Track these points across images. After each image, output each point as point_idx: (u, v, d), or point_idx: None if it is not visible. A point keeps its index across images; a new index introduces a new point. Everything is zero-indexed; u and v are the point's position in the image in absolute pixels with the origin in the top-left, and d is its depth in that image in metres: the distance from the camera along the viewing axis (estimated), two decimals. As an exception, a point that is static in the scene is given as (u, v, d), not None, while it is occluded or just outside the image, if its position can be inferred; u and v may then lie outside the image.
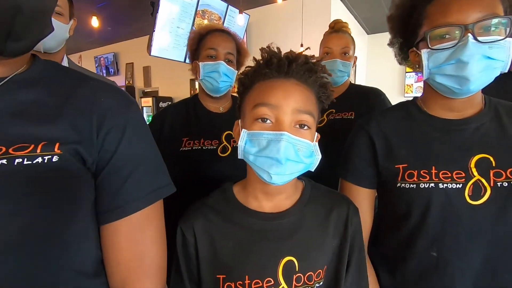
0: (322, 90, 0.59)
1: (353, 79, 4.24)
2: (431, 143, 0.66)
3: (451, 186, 0.61)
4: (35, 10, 0.40)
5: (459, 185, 0.61)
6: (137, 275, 0.49)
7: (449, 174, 0.62)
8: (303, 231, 0.59)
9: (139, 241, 0.49)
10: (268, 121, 0.53)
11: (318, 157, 0.57)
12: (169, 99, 5.02)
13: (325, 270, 0.59)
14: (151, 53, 3.05)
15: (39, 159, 0.39)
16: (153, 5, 2.90)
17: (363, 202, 0.74)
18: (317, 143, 0.57)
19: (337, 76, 1.28)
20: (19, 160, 0.38)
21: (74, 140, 0.43)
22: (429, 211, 0.63)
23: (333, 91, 0.61)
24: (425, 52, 0.63)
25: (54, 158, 0.40)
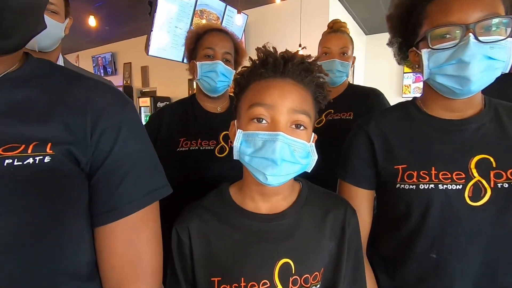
0: (318, 90, 0.58)
1: (351, 79, 4.25)
2: (430, 143, 0.66)
3: (451, 187, 0.61)
4: (24, 6, 0.39)
5: (459, 186, 0.60)
6: (132, 279, 0.48)
7: (449, 175, 0.62)
8: (300, 233, 0.58)
9: (135, 243, 0.48)
10: (263, 121, 0.53)
11: (315, 157, 0.57)
12: (167, 99, 5.01)
13: (322, 273, 0.58)
14: (149, 53, 3.04)
15: (30, 160, 0.38)
16: (151, 5, 2.89)
17: (362, 203, 0.74)
18: (313, 144, 0.57)
19: (335, 76, 1.28)
20: (9, 161, 0.37)
21: (67, 140, 0.42)
22: (428, 212, 0.62)
23: (330, 91, 0.61)
24: (425, 52, 0.62)
25: (46, 159, 0.39)
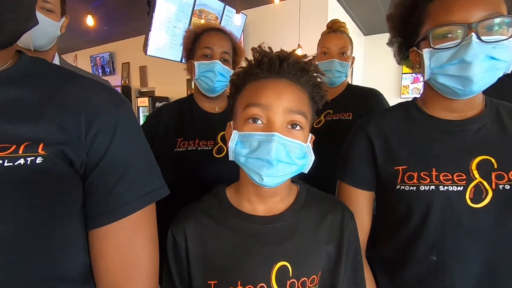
0: (315, 90, 0.58)
1: (350, 80, 4.25)
2: (431, 144, 0.65)
3: (452, 189, 0.60)
4: (12, 0, 0.38)
5: (460, 188, 0.60)
6: (127, 282, 0.47)
7: (450, 176, 0.61)
8: (298, 235, 0.58)
9: (130, 246, 0.47)
10: (259, 121, 0.52)
11: (311, 158, 0.56)
12: (166, 99, 5.00)
13: (319, 276, 0.57)
14: (147, 53, 3.02)
15: (21, 161, 0.37)
16: (150, 4, 2.88)
17: (361, 204, 0.73)
18: (310, 144, 0.56)
19: (334, 76, 1.28)
20: None
21: (60, 141, 0.41)
22: (429, 214, 0.61)
23: (327, 91, 0.60)
24: (426, 52, 0.62)
25: (38, 160, 0.38)
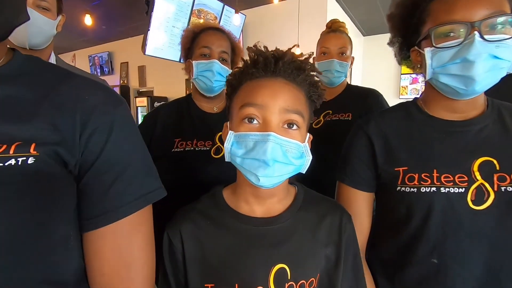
0: (312, 89, 0.57)
1: (349, 80, 4.24)
2: (432, 145, 0.64)
3: (453, 191, 0.59)
4: None
5: (461, 190, 0.59)
6: (123, 285, 0.46)
7: (451, 178, 0.60)
8: (296, 237, 0.57)
9: (126, 249, 0.46)
10: (255, 121, 0.52)
11: (309, 158, 0.55)
12: (164, 99, 4.98)
13: (318, 279, 0.57)
14: (146, 53, 3.02)
15: (12, 161, 0.36)
16: (148, 4, 2.87)
17: (361, 206, 0.73)
18: (307, 144, 0.55)
19: (334, 76, 1.27)
20: None
21: (54, 141, 0.40)
22: (430, 216, 0.61)
23: (324, 90, 0.60)
24: (428, 51, 0.61)
25: (30, 160, 0.37)
